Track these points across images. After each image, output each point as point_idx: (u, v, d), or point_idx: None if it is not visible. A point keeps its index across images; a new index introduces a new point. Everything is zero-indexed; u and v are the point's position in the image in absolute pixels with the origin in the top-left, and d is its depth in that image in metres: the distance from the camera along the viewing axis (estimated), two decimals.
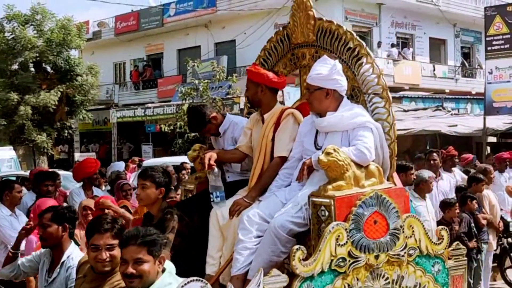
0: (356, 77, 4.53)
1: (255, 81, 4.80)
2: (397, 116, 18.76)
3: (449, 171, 9.18)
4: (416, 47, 28.96)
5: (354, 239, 3.96)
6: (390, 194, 4.17)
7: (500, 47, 14.86)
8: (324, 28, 4.72)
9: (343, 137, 4.33)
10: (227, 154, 5.04)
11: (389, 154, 4.42)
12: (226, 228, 4.54)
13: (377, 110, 4.48)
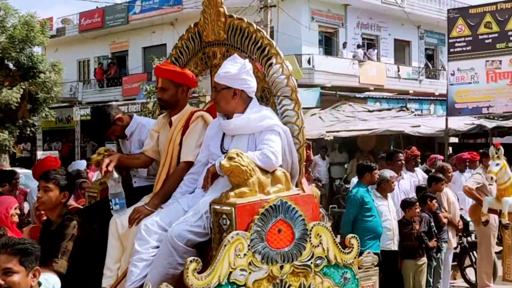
0: (266, 78, 4.36)
1: (176, 82, 4.57)
2: (362, 116, 19.15)
3: (412, 171, 9.27)
4: (381, 48, 29.23)
5: (256, 249, 3.75)
6: (297, 201, 4.00)
7: (462, 49, 15.06)
8: (235, 25, 4.51)
9: (249, 140, 4.15)
10: (131, 158, 4.78)
11: (298, 159, 4.25)
12: (126, 238, 4.27)
13: (287, 113, 4.31)
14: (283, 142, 4.12)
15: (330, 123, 19.59)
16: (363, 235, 7.25)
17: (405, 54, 30.95)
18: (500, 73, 14.54)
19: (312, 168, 17.57)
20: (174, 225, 3.93)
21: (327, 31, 27.18)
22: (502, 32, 14.44)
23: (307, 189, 4.34)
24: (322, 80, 24.65)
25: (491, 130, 16.85)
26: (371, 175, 7.46)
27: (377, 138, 18.29)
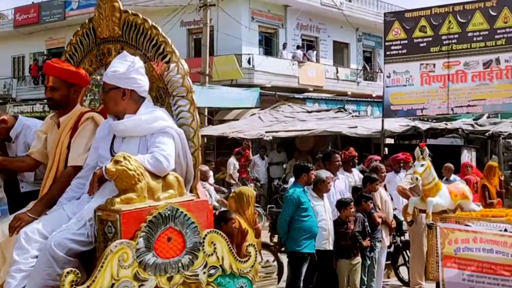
0: (161, 77, 4.19)
1: (69, 81, 4.34)
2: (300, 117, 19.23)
3: (349, 171, 9.38)
4: (321, 49, 29.57)
5: (142, 260, 3.54)
6: (190, 207, 3.82)
7: (398, 52, 15.32)
8: (130, 21, 4.29)
9: (141, 143, 3.96)
10: (16, 161, 4.52)
11: (193, 163, 4.10)
12: (6, 247, 3.93)
13: (182, 114, 4.16)
14: (176, 145, 3.96)
15: (270, 123, 19.67)
16: (299, 235, 7.32)
17: (344, 56, 31.40)
18: (433, 76, 14.86)
19: (251, 168, 17.64)
20: (55, 233, 3.67)
21: (267, 32, 27.30)
22: (436, 36, 14.76)
23: (202, 195, 4.20)
24: (262, 80, 24.74)
25: (425, 132, 17.26)
26: (307, 176, 7.51)
27: (315, 139, 18.47)
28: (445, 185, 7.03)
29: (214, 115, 22.74)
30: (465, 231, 6.31)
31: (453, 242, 6.33)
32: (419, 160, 6.70)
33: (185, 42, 27.23)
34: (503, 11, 13.85)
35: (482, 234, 6.14)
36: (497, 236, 6.04)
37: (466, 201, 6.98)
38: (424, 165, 6.65)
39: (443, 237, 6.41)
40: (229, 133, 18.69)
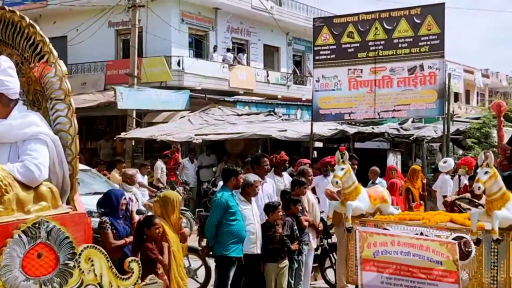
0: (38, 80, 3.94)
1: None
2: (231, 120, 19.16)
3: (279, 175, 9.41)
4: (251, 53, 29.65)
5: (7, 278, 3.24)
6: (65, 221, 3.56)
7: (326, 56, 15.52)
8: (6, 19, 3.98)
9: (11, 150, 3.68)
10: None
11: (70, 173, 3.85)
12: None
13: (59, 120, 3.88)
14: (51, 153, 3.70)
15: (199, 126, 19.56)
16: (227, 239, 7.27)
17: (274, 60, 31.61)
18: (361, 81, 15.13)
19: (180, 171, 17.46)
20: None
21: (198, 34, 27.16)
22: (363, 42, 15.05)
23: (80, 207, 3.95)
24: (192, 83, 24.58)
25: (353, 136, 17.57)
26: (236, 179, 7.48)
27: (245, 142, 18.48)
28: (365, 189, 7.07)
29: (142, 118, 22.41)
30: (384, 234, 6.39)
31: (372, 245, 6.39)
32: (339, 164, 6.70)
33: (113, 43, 26.76)
34: (427, 19, 14.27)
35: (400, 238, 6.22)
36: (413, 239, 6.13)
37: (385, 205, 7.06)
38: (344, 169, 6.64)
39: (362, 240, 6.46)
40: (158, 136, 18.46)
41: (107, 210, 7.15)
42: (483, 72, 51.41)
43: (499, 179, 5.87)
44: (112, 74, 25.02)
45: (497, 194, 5.82)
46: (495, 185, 5.82)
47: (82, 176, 11.65)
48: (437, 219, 6.45)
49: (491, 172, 5.78)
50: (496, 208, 5.76)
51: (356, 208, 6.68)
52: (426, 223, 6.35)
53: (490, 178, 5.77)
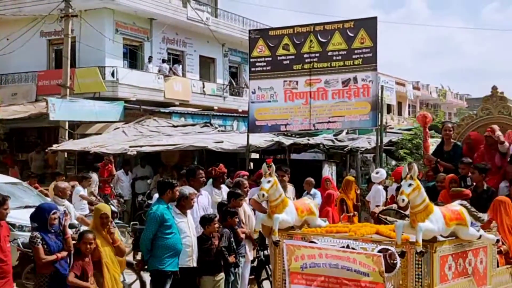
0: None
1: None
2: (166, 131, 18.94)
3: (218, 188, 9.33)
4: (187, 64, 29.53)
5: None
6: None
7: (262, 68, 15.58)
8: None
9: None
10: None
11: None
12: None
13: None
14: None
15: (134, 137, 19.28)
16: (163, 253, 7.17)
17: (210, 71, 31.59)
18: (296, 93, 15.26)
19: (114, 183, 17.15)
20: None
21: (132, 44, 26.86)
22: (298, 54, 15.19)
23: None
24: (126, 94, 24.27)
25: (289, 147, 17.67)
26: (172, 192, 7.41)
27: (181, 154, 18.34)
28: (292, 201, 6.99)
29: (75, 129, 21.93)
30: (311, 247, 6.34)
31: (299, 258, 6.34)
32: (266, 177, 6.58)
33: (45, 53, 26.17)
34: (360, 32, 14.54)
35: (327, 250, 6.20)
36: (340, 252, 6.13)
37: (312, 217, 6.99)
38: (271, 182, 6.54)
39: (290, 253, 6.40)
40: (91, 147, 18.08)
41: (38, 225, 6.94)
42: (414, 85, 52.89)
43: (423, 191, 5.90)
44: (44, 84, 24.44)
45: (420, 206, 5.87)
46: (418, 197, 5.86)
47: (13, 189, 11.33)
48: (363, 231, 6.45)
49: (414, 184, 5.80)
50: (419, 220, 5.79)
51: (283, 221, 6.57)
52: (352, 235, 6.34)
53: (413, 190, 5.79)
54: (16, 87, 25.17)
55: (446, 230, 6.05)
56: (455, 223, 6.12)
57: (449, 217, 6.07)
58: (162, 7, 26.56)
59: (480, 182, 8.65)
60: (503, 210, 7.50)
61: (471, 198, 7.89)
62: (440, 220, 5.95)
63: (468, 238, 6.30)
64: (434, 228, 5.85)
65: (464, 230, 6.21)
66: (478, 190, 8.57)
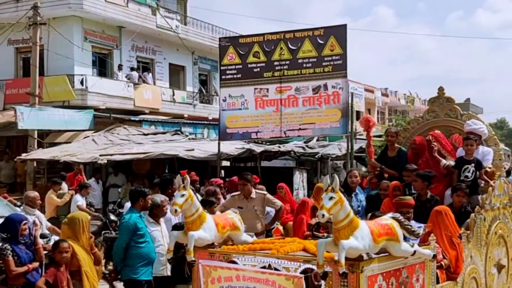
0: None
1: None
2: (136, 139, 18.87)
3: None
4: (157, 72, 29.46)
5: None
6: None
7: (233, 76, 15.58)
8: None
9: None
10: None
11: None
12: None
13: None
14: None
15: (104, 146, 19.15)
16: (136, 262, 7.15)
17: (180, 79, 31.54)
18: (267, 100, 15.29)
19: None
20: None
21: (101, 52, 26.69)
22: (268, 62, 15.23)
23: None
24: (96, 102, 24.10)
25: (259, 154, 17.77)
26: (144, 201, 7.41)
27: (152, 162, 18.27)
28: (211, 216, 6.38)
29: (44, 138, 21.69)
30: (228, 268, 5.79)
31: (216, 280, 5.83)
32: (179, 190, 5.97)
33: (12, 61, 25.89)
34: (330, 40, 14.64)
35: (245, 272, 5.65)
36: (258, 273, 5.56)
37: (236, 233, 6.48)
38: (185, 196, 5.91)
39: (206, 275, 5.90)
40: (61, 156, 17.90)
41: (8, 235, 6.86)
42: (383, 91, 53.46)
43: (346, 204, 5.24)
44: (11, 93, 24.15)
45: (344, 221, 5.22)
46: (341, 211, 5.20)
47: None
48: (288, 248, 5.92)
49: (336, 197, 5.14)
50: (343, 237, 5.16)
51: (200, 239, 5.96)
52: (274, 253, 5.77)
53: (335, 204, 5.13)
54: None
55: (375, 247, 5.42)
56: (385, 238, 5.50)
57: (378, 233, 5.43)
58: (131, 15, 26.47)
59: (423, 190, 8.04)
60: (441, 221, 7.01)
61: (414, 207, 7.34)
62: (367, 236, 5.31)
63: (400, 255, 5.71)
64: (359, 246, 5.21)
65: (395, 246, 5.62)
66: (422, 198, 7.99)
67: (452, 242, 6.96)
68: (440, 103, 9.48)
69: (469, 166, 8.40)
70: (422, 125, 9.62)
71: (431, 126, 9.41)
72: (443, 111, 9.41)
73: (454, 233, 7.01)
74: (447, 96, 9.45)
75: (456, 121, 9.28)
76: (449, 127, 9.31)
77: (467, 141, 8.50)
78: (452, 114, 9.36)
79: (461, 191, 7.91)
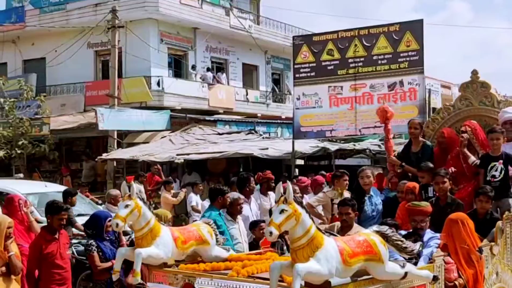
0: None
1: None
2: (211, 139, 19.12)
3: (265, 194, 9.30)
4: (230, 72, 29.73)
5: None
6: None
7: (306, 74, 15.56)
8: None
9: None
10: None
11: None
12: None
13: None
14: None
15: (181, 145, 19.51)
16: None
17: (253, 78, 31.72)
18: (341, 98, 15.18)
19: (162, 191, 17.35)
20: None
21: (177, 54, 27.18)
22: (343, 59, 15.11)
23: None
24: (172, 103, 24.57)
25: (334, 153, 17.63)
26: (223, 199, 7.47)
27: (227, 161, 18.47)
28: (168, 229, 5.41)
29: (123, 138, 22.31)
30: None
31: None
32: (123, 200, 5.10)
33: (92, 64, 26.69)
34: (406, 35, 14.37)
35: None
36: None
37: (204, 247, 5.55)
38: (130, 206, 5.03)
39: None
40: (140, 156, 18.37)
41: (94, 232, 7.12)
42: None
43: (303, 218, 4.24)
44: (91, 95, 24.91)
45: (301, 239, 4.22)
46: (298, 227, 4.20)
47: None
48: (254, 268, 4.95)
49: (289, 210, 4.18)
50: (301, 259, 4.19)
51: (150, 257, 5.08)
52: (233, 275, 4.83)
53: (287, 218, 4.16)
54: (65, 97, 25.74)
55: (345, 270, 4.40)
56: (362, 259, 4.48)
57: (350, 252, 4.41)
58: (205, 16, 26.83)
59: (443, 193, 6.77)
60: (456, 232, 5.86)
61: (432, 212, 6.27)
62: (334, 257, 4.30)
63: (385, 278, 4.68)
64: (322, 270, 4.20)
65: (377, 268, 4.59)
66: (441, 203, 6.76)
67: (470, 258, 5.83)
68: (473, 89, 8.10)
69: (496, 163, 7.05)
70: (453, 115, 8.28)
71: (464, 116, 8.10)
72: (478, 98, 8.06)
73: (472, 247, 5.86)
74: (481, 81, 8.09)
75: (492, 109, 7.92)
76: (483, 117, 7.97)
77: (492, 134, 7.10)
78: (488, 102, 7.98)
79: (484, 195, 6.60)
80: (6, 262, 5.98)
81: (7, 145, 21.52)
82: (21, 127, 21.72)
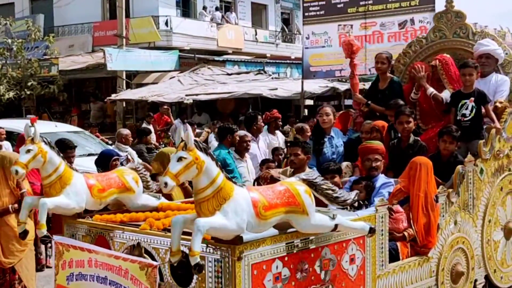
0: None
1: None
2: (220, 79, 19.09)
3: (272, 133, 9.37)
4: (239, 11, 29.37)
5: None
6: None
7: (316, 13, 15.38)
8: None
9: None
10: None
11: None
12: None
13: None
14: None
15: (190, 86, 19.49)
16: None
17: (262, 18, 31.35)
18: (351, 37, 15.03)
19: (172, 132, 17.45)
20: None
21: None
22: None
23: None
24: (180, 43, 24.40)
25: (343, 93, 17.57)
26: (232, 137, 7.48)
27: (236, 101, 18.48)
28: (82, 176, 4.75)
29: (132, 79, 22.29)
30: (80, 248, 4.40)
31: (67, 265, 4.47)
32: (26, 144, 4.44)
33: (99, 4, 26.44)
34: None
35: (98, 255, 4.27)
36: (112, 258, 4.18)
37: (128, 195, 4.97)
38: (32, 151, 4.40)
39: (58, 257, 4.53)
40: (149, 97, 18.39)
41: (103, 170, 7.19)
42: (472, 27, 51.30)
43: (209, 166, 3.67)
44: (99, 35, 24.79)
45: (206, 190, 3.65)
46: (202, 176, 3.66)
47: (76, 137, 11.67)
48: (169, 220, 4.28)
49: (189, 158, 3.59)
50: (205, 213, 3.66)
51: (57, 207, 4.56)
52: (145, 228, 4.34)
53: (186, 167, 3.58)
54: (73, 38, 25.62)
55: (259, 223, 3.81)
56: (281, 211, 3.89)
57: (265, 205, 3.80)
58: None
59: (406, 134, 6.03)
60: (412, 177, 5.27)
61: (392, 155, 5.79)
62: (246, 210, 3.73)
63: (312, 231, 4.13)
64: (228, 224, 3.64)
65: (301, 220, 3.99)
66: (402, 145, 6.05)
67: (427, 206, 5.26)
68: (448, 19, 7.17)
69: (467, 101, 6.25)
70: (426, 48, 7.34)
71: (437, 49, 7.22)
72: (452, 29, 7.15)
73: (430, 194, 5.29)
74: (456, 10, 7.17)
75: (467, 42, 7.04)
76: (458, 50, 7.12)
77: (464, 69, 6.28)
78: (462, 33, 7.09)
79: (448, 135, 5.88)
80: (18, 199, 6.06)
81: (16, 86, 21.57)
82: (30, 68, 21.73)
